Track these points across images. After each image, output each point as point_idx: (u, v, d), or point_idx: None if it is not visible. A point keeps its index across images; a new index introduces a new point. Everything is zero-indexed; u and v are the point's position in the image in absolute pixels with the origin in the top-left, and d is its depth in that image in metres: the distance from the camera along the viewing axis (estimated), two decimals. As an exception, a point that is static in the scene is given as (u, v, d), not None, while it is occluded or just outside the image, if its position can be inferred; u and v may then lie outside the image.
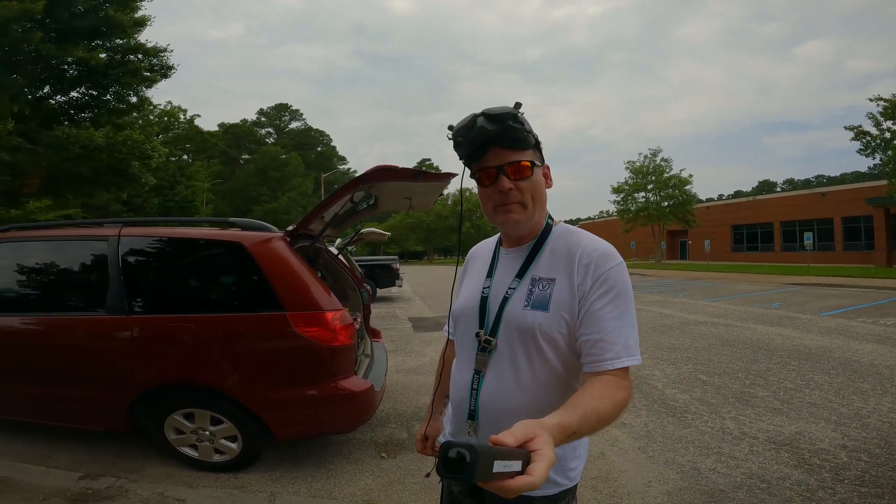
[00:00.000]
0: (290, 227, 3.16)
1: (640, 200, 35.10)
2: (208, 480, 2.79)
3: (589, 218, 74.26)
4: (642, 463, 3.04)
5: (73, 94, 15.32)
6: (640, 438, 3.41)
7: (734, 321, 8.43)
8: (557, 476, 1.03)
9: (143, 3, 15.10)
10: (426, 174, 2.82)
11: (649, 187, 34.66)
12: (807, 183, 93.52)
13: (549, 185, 1.09)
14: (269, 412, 2.75)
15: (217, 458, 2.88)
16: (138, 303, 2.86)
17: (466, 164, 1.06)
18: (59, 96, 15.30)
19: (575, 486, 1.08)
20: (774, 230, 32.75)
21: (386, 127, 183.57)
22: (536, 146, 1.05)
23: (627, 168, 35.78)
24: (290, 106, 69.04)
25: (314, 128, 70.48)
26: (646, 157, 35.09)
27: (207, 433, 2.84)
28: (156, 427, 2.87)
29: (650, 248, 37.74)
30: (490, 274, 1.12)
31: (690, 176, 33.76)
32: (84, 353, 2.88)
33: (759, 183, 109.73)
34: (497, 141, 0.98)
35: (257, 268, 2.78)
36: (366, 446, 3.28)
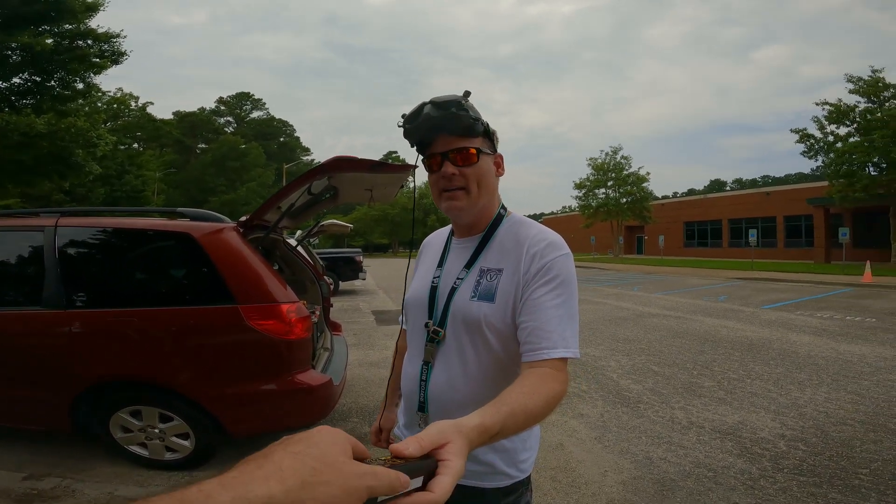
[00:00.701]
0: (244, 218, 3.05)
1: (601, 196, 36.05)
2: (161, 479, 2.71)
3: (552, 213, 75.67)
4: (599, 453, 3.13)
5: (15, 79, 14.33)
6: (597, 429, 3.51)
7: (684, 314, 8.80)
8: (509, 468, 1.03)
9: None
10: (385, 165, 2.78)
11: (609, 184, 35.64)
12: (753, 183, 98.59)
13: (500, 174, 1.09)
14: (223, 408, 2.67)
15: (169, 456, 2.79)
16: (78, 297, 2.70)
17: (419, 151, 1.06)
18: (0, 82, 14.26)
19: (528, 478, 1.09)
20: (723, 227, 34.34)
21: (354, 119, 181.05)
22: (486, 134, 1.04)
23: (589, 165, 36.65)
24: (252, 95, 66.73)
25: (277, 118, 68.39)
26: (607, 154, 36.06)
27: (157, 431, 2.73)
28: (101, 426, 2.74)
29: (609, 242, 38.88)
30: (441, 264, 1.12)
31: (648, 174, 34.98)
32: (20, 350, 2.71)
33: (711, 182, 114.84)
34: (443, 128, 0.99)
35: (207, 259, 2.68)
36: (323, 443, 3.23)
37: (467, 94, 0.99)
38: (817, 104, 22.05)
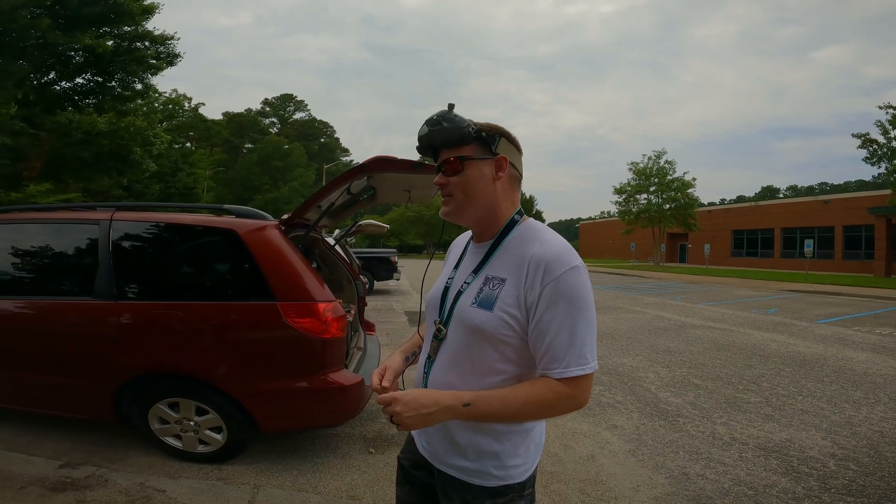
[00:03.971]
0: (286, 216, 3.12)
1: (642, 202, 35.02)
2: (191, 471, 2.76)
3: (590, 217, 74.12)
4: (632, 466, 3.03)
5: (79, 80, 15.16)
6: (631, 441, 3.40)
7: (730, 326, 8.42)
8: (496, 470, 1.06)
9: None
10: (425, 166, 2.79)
11: (652, 189, 34.57)
12: (810, 190, 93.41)
13: (498, 178, 1.07)
14: (256, 404, 2.71)
15: (201, 448, 2.85)
16: (128, 288, 2.81)
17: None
18: (64, 82, 15.13)
19: (522, 486, 1.09)
20: (775, 236, 32.71)
21: (392, 120, 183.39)
22: (480, 140, 1.05)
23: (631, 169, 35.70)
24: (295, 97, 68.99)
25: (318, 119, 70.44)
26: (650, 158, 35.00)
27: (192, 423, 2.80)
28: (140, 416, 2.83)
29: (650, 250, 37.71)
30: (457, 266, 1.18)
31: (694, 179, 33.66)
32: (71, 339, 2.83)
33: (763, 188, 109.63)
34: (439, 143, 1.07)
35: (250, 256, 2.73)
36: (354, 441, 3.27)
37: (451, 106, 1.06)
38: (881, 108, 20.68)
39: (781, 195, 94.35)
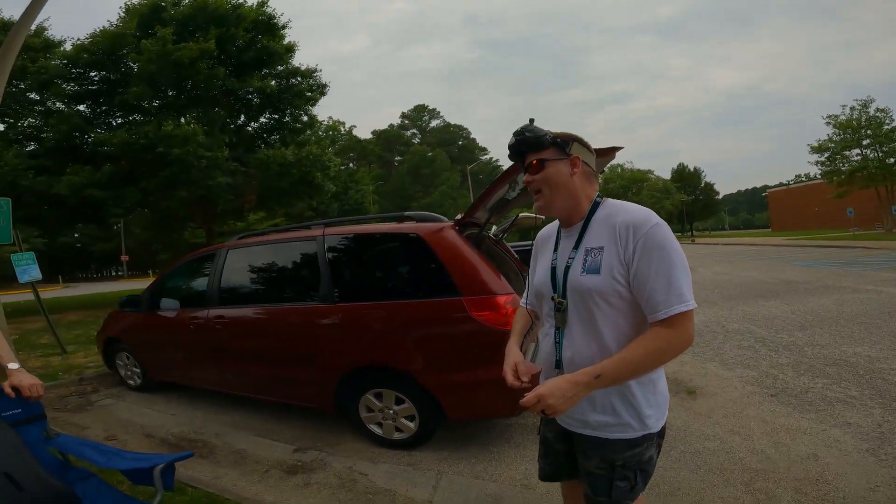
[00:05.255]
0: (458, 217, 3.28)
1: (855, 159, 28.49)
2: (387, 457, 3.03)
3: (780, 184, 62.83)
4: (869, 466, 2.54)
5: (262, 119, 17.75)
6: (871, 440, 2.83)
7: None
8: (635, 421, 1.23)
9: (287, 30, 16.63)
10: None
11: (865, 143, 27.92)
12: None
13: (574, 174, 1.29)
14: (445, 393, 2.90)
15: (396, 435, 3.12)
16: (342, 292, 3.23)
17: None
18: (252, 123, 17.88)
19: (654, 435, 1.25)
20: None
21: (521, 111, 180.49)
22: (556, 144, 1.28)
23: (829, 123, 29.39)
24: (428, 106, 72.61)
25: (452, 123, 73.02)
26: (853, 108, 28.36)
27: (392, 412, 3.09)
28: (353, 405, 3.21)
29: (876, 214, 30.57)
30: (556, 249, 1.37)
31: (927, 123, 26.18)
32: (303, 338, 3.34)
33: None
34: (525, 149, 1.31)
35: (434, 256, 2.95)
36: (529, 431, 3.28)
37: (532, 120, 1.32)
38: None
39: None
